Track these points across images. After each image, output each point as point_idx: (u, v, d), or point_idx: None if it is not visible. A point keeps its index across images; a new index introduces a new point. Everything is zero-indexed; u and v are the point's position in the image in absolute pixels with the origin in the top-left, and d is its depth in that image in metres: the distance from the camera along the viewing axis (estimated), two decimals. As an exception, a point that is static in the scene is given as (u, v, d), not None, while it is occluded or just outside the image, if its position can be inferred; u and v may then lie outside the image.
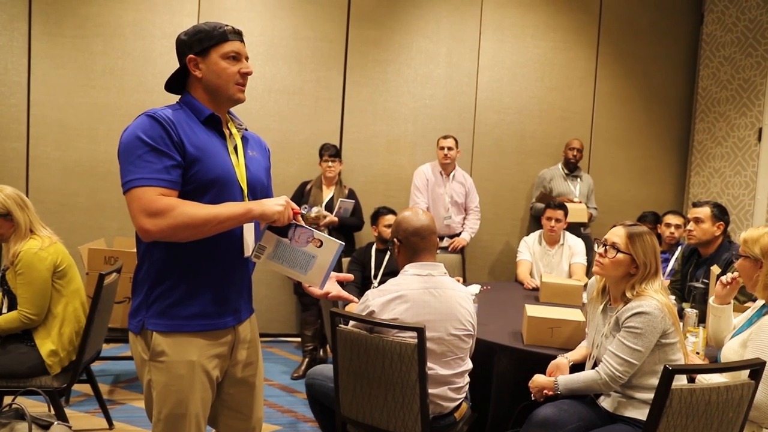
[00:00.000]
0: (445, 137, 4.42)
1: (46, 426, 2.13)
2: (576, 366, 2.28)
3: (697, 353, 2.44)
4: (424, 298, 2.12)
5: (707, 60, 5.16)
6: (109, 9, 4.35)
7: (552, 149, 5.10)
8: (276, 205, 1.54)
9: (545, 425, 2.03)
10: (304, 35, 4.66)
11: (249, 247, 1.64)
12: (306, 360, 4.04)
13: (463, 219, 4.53)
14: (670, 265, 3.84)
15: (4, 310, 2.55)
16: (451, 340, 2.14)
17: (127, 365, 3.88)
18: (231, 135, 1.68)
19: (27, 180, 4.31)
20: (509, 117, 5.05)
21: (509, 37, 5.01)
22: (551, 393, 2.14)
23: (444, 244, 4.38)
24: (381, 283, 2.29)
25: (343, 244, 1.63)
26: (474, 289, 2.92)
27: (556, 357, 2.30)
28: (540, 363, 2.32)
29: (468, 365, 2.25)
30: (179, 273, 1.56)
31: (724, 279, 2.36)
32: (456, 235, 4.46)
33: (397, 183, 4.86)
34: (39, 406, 2.86)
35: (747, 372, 1.80)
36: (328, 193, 4.23)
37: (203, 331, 1.60)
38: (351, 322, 2.16)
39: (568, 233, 4.08)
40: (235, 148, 1.67)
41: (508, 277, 5.02)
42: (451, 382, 2.17)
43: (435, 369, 2.12)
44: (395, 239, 2.25)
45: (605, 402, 2.14)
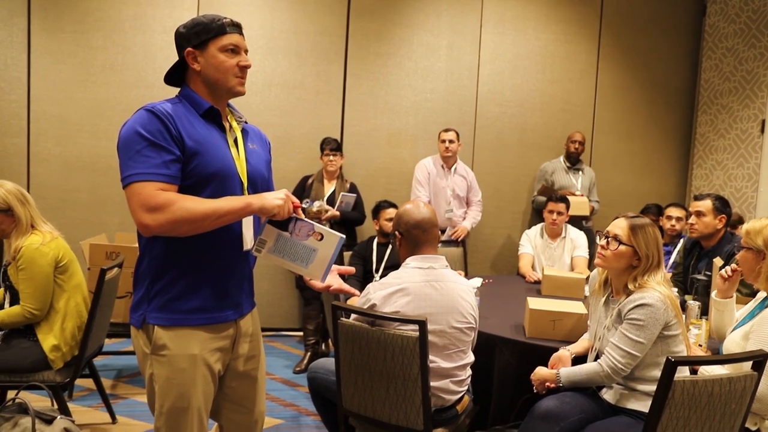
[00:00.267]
0: (447, 130, 4.41)
1: (49, 420, 2.14)
2: (578, 358, 2.28)
3: (700, 345, 2.43)
4: (425, 291, 2.12)
5: (710, 51, 5.13)
6: (109, 4, 4.34)
7: (553, 142, 5.08)
8: (276, 199, 1.54)
9: (547, 418, 2.03)
10: (304, 29, 4.64)
11: (248, 241, 1.64)
12: (308, 354, 4.05)
13: (465, 212, 4.53)
14: (672, 258, 3.83)
15: (6, 305, 2.56)
16: (453, 332, 2.14)
17: (130, 360, 3.89)
18: (231, 128, 1.68)
19: (28, 176, 4.31)
20: (510, 110, 5.04)
21: (510, 30, 4.98)
22: (553, 385, 2.14)
23: (445, 237, 4.38)
24: (383, 277, 2.28)
25: (344, 237, 1.62)
26: (476, 283, 2.92)
27: (558, 350, 2.30)
28: (542, 356, 2.32)
29: (470, 358, 2.25)
30: (179, 267, 1.56)
31: (723, 273, 2.35)
32: (458, 228, 4.45)
33: (398, 176, 4.86)
34: (42, 400, 2.88)
35: (749, 364, 1.79)
36: (329, 188, 4.23)
37: (204, 325, 1.60)
38: (352, 315, 2.15)
39: (570, 226, 4.07)
40: (235, 141, 1.66)
41: (509, 271, 5.01)
42: (453, 375, 2.17)
43: (437, 362, 2.12)
44: (397, 232, 2.25)
45: (607, 394, 2.14)
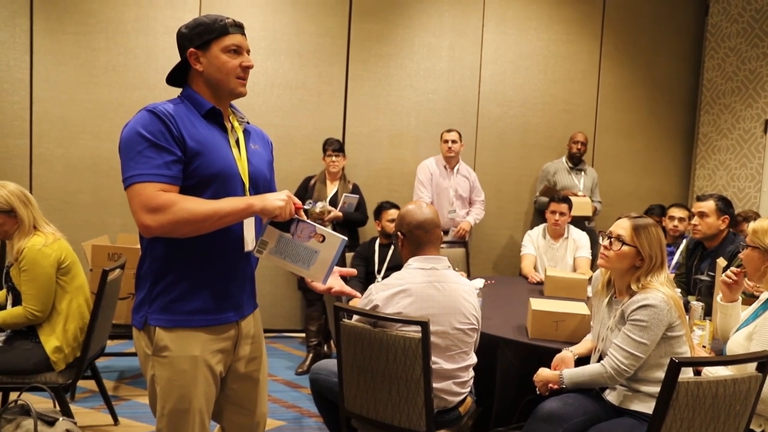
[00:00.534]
0: (449, 131, 4.41)
1: (51, 422, 2.14)
2: (581, 359, 2.27)
3: (704, 346, 2.42)
4: (428, 291, 2.11)
5: (712, 51, 5.11)
6: (111, 5, 4.34)
7: (555, 142, 5.07)
8: (277, 200, 1.53)
9: (550, 419, 2.02)
10: (306, 30, 4.64)
11: (249, 242, 1.63)
12: (310, 355, 4.04)
13: (467, 213, 4.53)
14: (675, 259, 3.82)
15: (8, 306, 2.56)
16: (456, 334, 2.13)
17: (132, 361, 3.89)
18: (233, 128, 1.67)
19: (30, 177, 4.31)
20: (512, 110, 5.03)
21: (512, 30, 4.98)
22: (556, 387, 2.13)
23: (448, 238, 4.37)
24: (385, 278, 2.28)
25: (346, 239, 1.61)
26: (478, 283, 2.91)
27: (560, 351, 2.29)
28: (545, 357, 2.31)
29: (472, 359, 2.24)
30: (180, 268, 1.56)
31: (726, 278, 2.33)
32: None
33: (400, 177, 4.85)
34: (44, 402, 2.88)
35: (754, 365, 1.78)
36: (332, 188, 4.22)
37: (206, 326, 1.59)
38: (355, 316, 2.15)
39: (572, 227, 4.06)
40: (237, 141, 1.66)
41: (512, 271, 5.00)
42: (456, 376, 2.16)
43: (439, 363, 2.11)
44: (399, 233, 2.24)
45: (611, 395, 2.13)
